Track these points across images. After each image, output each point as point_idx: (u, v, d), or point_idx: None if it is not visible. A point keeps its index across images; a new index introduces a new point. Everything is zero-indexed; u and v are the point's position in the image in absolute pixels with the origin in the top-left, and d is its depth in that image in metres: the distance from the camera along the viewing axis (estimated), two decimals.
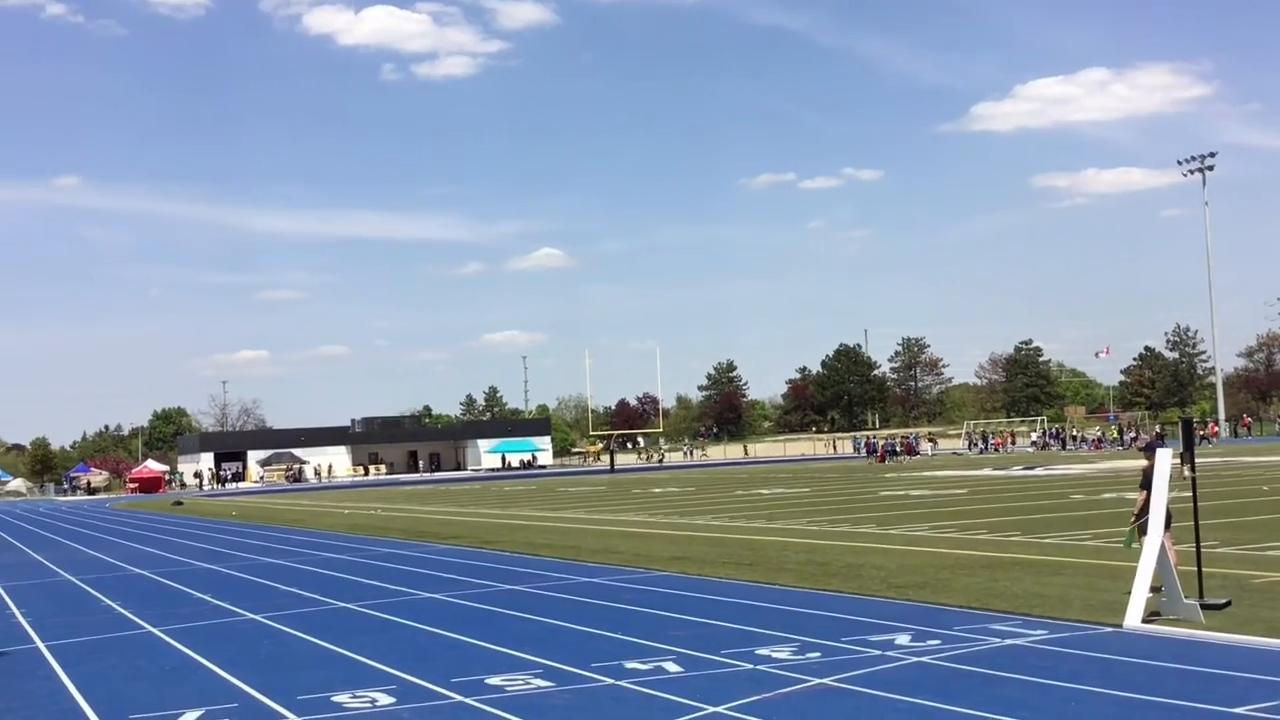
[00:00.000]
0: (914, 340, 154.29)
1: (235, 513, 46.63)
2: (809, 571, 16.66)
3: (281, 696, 9.76)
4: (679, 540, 22.94)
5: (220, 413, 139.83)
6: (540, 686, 9.75)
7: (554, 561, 20.16)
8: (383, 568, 20.80)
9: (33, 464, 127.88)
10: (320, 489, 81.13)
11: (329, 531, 31.86)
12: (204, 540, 31.14)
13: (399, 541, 26.77)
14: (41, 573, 23.75)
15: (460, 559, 21.64)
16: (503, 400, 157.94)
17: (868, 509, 29.35)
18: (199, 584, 19.54)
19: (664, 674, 10.00)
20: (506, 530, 28.39)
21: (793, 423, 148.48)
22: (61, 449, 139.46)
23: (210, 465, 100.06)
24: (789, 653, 10.66)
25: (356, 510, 43.51)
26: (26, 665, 12.14)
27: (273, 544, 28.18)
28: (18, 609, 17.24)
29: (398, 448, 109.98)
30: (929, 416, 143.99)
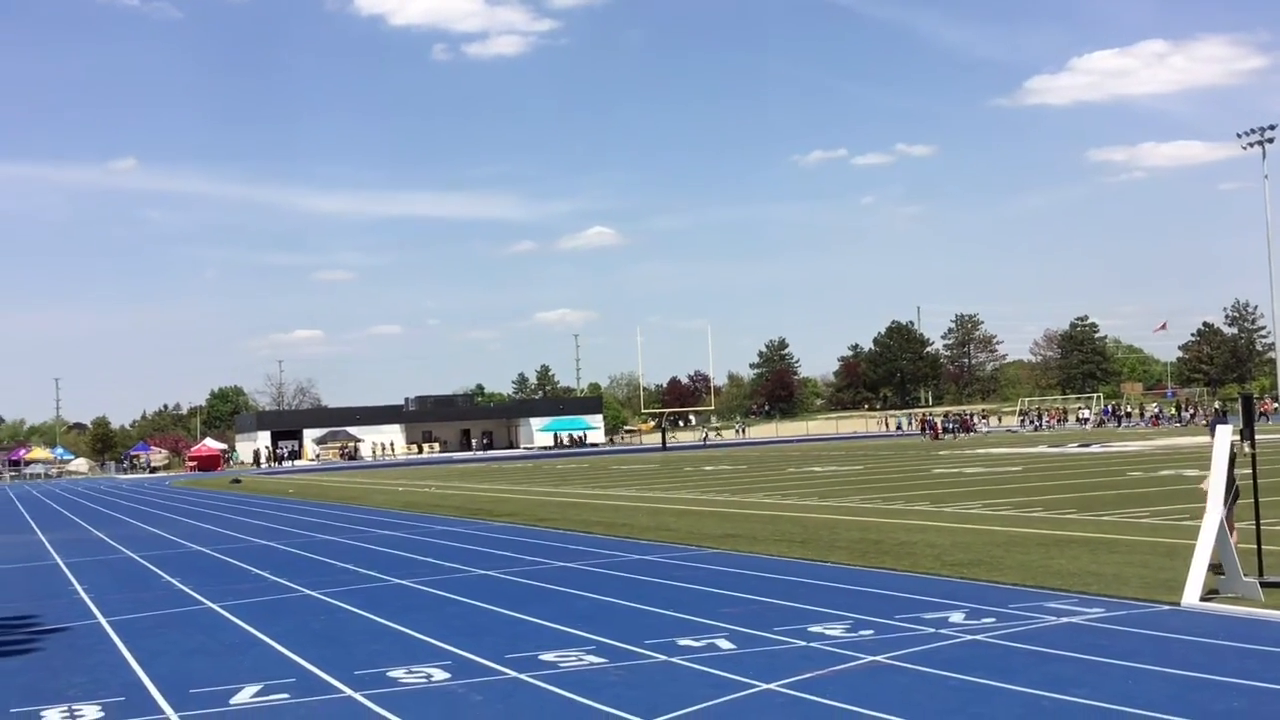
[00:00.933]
0: (967, 317, 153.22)
1: (292, 490, 47.19)
2: (862, 549, 16.61)
3: (338, 671, 9.88)
4: (731, 518, 22.95)
5: (277, 392, 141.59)
6: (593, 663, 9.80)
7: (606, 539, 20.23)
8: (437, 544, 20.97)
9: (94, 443, 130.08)
10: (375, 467, 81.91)
11: (384, 509, 32.16)
12: (261, 517, 31.56)
13: (453, 519, 26.97)
14: (103, 549, 24.17)
15: (513, 536, 21.78)
16: (555, 378, 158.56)
17: (921, 486, 29.20)
18: (256, 560, 19.81)
19: (716, 651, 10.02)
20: (559, 508, 28.52)
21: (845, 400, 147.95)
22: (122, 428, 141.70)
23: (267, 443, 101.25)
24: (842, 630, 10.64)
25: (410, 487, 43.89)
26: (89, 640, 12.36)
27: (328, 521, 28.49)
28: (80, 585, 17.57)
29: (451, 426, 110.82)
30: (983, 394, 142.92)
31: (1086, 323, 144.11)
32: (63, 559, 22.20)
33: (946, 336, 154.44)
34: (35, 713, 8.93)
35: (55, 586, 17.65)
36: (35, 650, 11.91)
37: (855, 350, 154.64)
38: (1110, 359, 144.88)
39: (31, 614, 14.47)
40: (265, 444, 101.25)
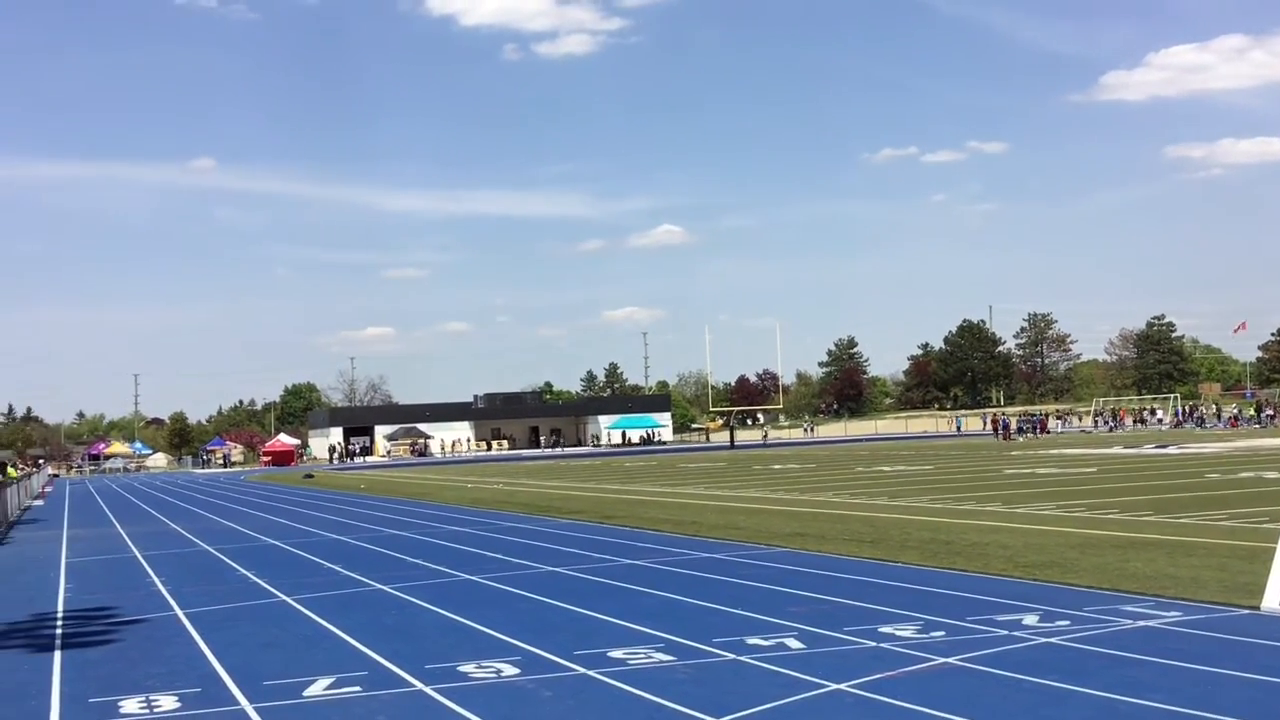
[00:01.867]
0: (1040, 316, 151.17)
1: (363, 486, 47.70)
2: (932, 549, 16.45)
3: (409, 665, 9.96)
4: (799, 516, 22.84)
5: (348, 388, 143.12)
6: (662, 660, 9.79)
7: (674, 537, 20.22)
8: (505, 541, 21.09)
9: (171, 438, 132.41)
10: (444, 463, 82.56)
11: (453, 505, 32.41)
12: (333, 512, 31.94)
13: (521, 515, 27.11)
14: (180, 543, 24.60)
15: (581, 533, 21.84)
16: (623, 376, 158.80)
17: (993, 487, 28.87)
18: (328, 554, 20.05)
19: (785, 650, 9.97)
20: (627, 505, 28.56)
21: (914, 399, 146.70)
22: (198, 423, 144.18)
23: (339, 439, 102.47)
24: (912, 631, 10.55)
25: (479, 484, 44.18)
26: (166, 632, 12.58)
27: (399, 516, 28.77)
28: (158, 577, 17.90)
29: (519, 423, 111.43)
30: (1056, 394, 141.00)
31: (1163, 322, 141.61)
32: (141, 552, 22.64)
33: (1019, 335, 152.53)
34: (114, 703, 9.09)
35: (133, 579, 18.00)
36: (114, 641, 12.14)
37: (925, 349, 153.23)
38: (1187, 359, 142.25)
39: (111, 605, 14.76)
40: (338, 440, 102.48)
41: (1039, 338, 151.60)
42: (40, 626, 13.44)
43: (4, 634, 12.94)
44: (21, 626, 13.45)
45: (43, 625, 13.53)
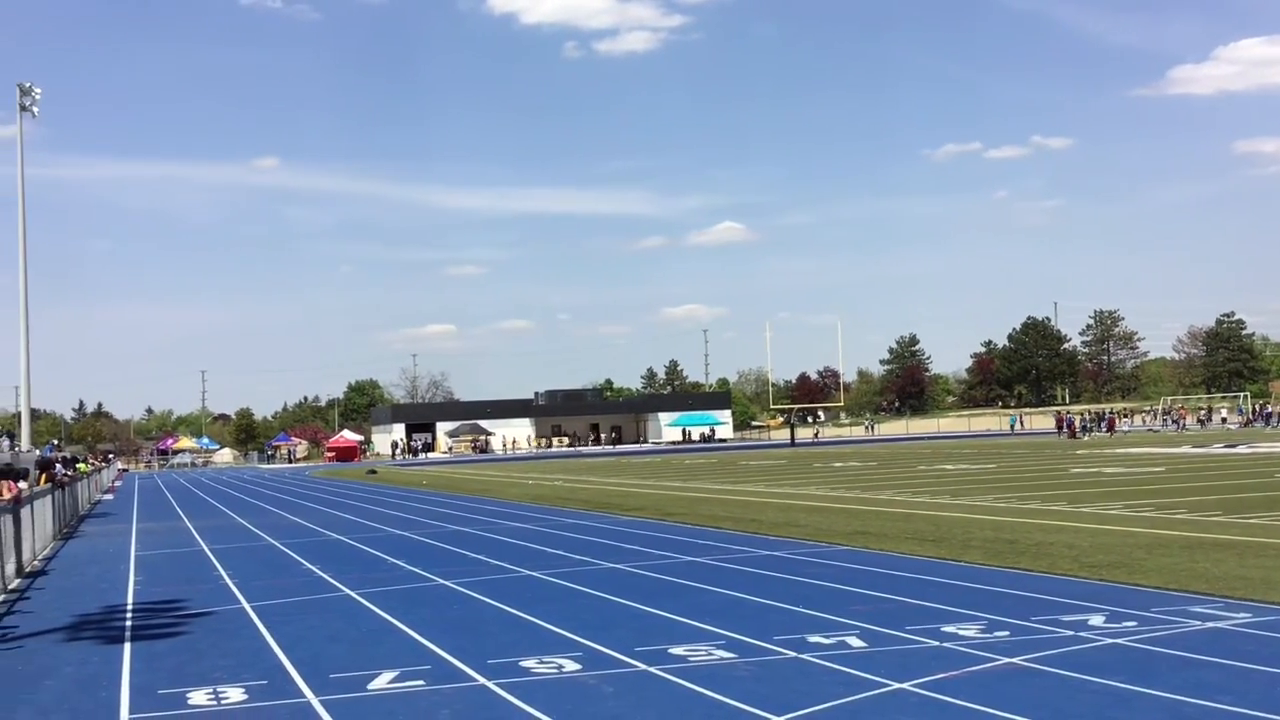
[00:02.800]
0: (1107, 313, 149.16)
1: (425, 482, 48.07)
2: (996, 549, 16.30)
3: (472, 660, 10.04)
4: (861, 515, 22.72)
5: (411, 385, 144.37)
6: (723, 658, 9.79)
7: (735, 534, 20.19)
8: (566, 537, 21.16)
9: (237, 433, 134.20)
10: (505, 460, 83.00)
11: (514, 501, 32.58)
12: (396, 508, 32.22)
13: (581, 512, 27.20)
14: (246, 537, 24.95)
15: (642, 530, 21.87)
16: (683, 373, 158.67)
17: (1058, 486, 28.53)
18: (392, 550, 20.24)
19: (847, 649, 9.93)
20: (687, 502, 28.55)
21: (977, 397, 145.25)
22: (264, 419, 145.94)
23: (402, 436, 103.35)
24: (976, 630, 10.46)
25: (540, 481, 44.37)
26: (233, 625, 12.77)
27: (461, 512, 28.97)
28: (225, 571, 18.17)
29: (580, 420, 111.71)
30: (1122, 392, 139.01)
31: (1233, 319, 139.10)
32: (208, 545, 22.99)
33: (1085, 333, 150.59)
34: (182, 694, 9.25)
35: (201, 572, 18.29)
36: (182, 633, 12.35)
37: (989, 347, 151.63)
38: (1258, 357, 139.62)
39: (179, 598, 15.01)
40: (400, 436, 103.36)
41: (1105, 335, 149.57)
42: (111, 618, 13.70)
43: (76, 626, 13.21)
44: (93, 618, 13.72)
45: (113, 617, 13.79)
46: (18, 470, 20.07)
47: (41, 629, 13.04)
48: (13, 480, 18.76)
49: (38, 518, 22.14)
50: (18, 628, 13.25)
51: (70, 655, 11.39)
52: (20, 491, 19.07)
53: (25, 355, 46.64)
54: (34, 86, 46.25)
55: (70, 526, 30.60)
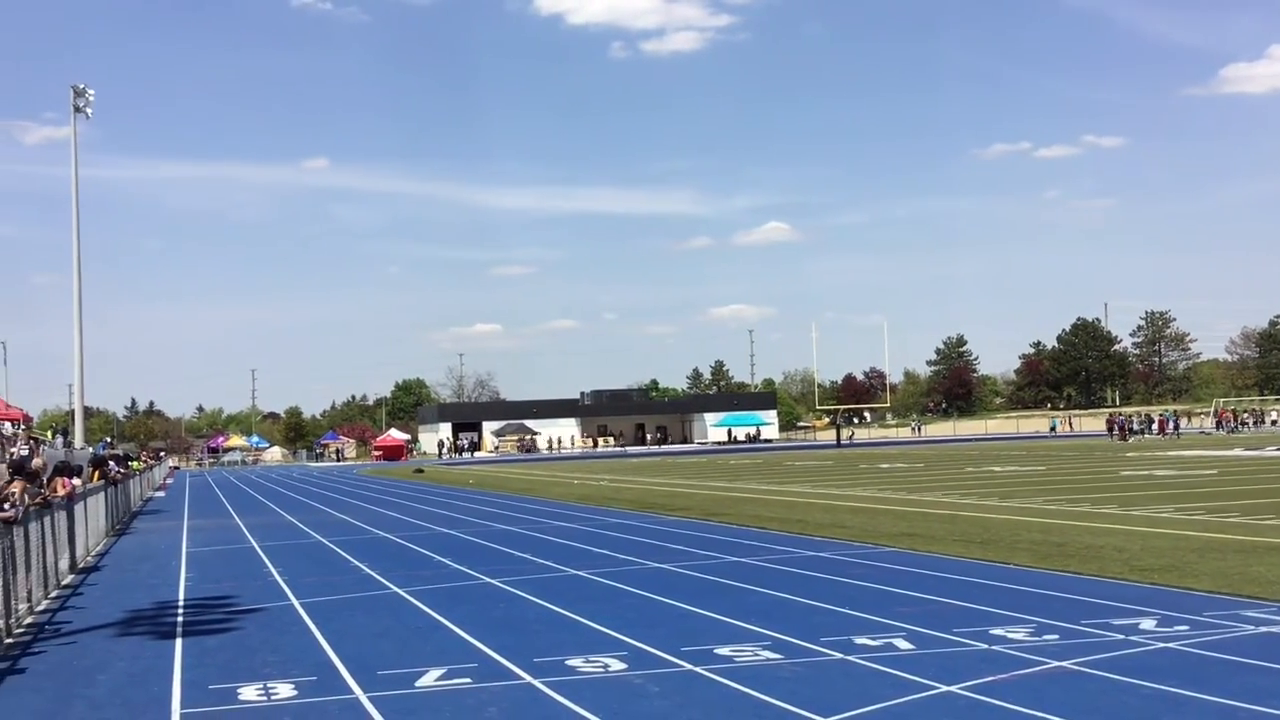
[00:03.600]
0: (1158, 314, 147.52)
1: (472, 481, 48.30)
2: (1045, 551, 16.15)
3: (518, 658, 10.07)
4: (908, 516, 22.59)
5: (457, 384, 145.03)
6: (769, 658, 9.77)
7: (780, 535, 20.14)
8: (611, 537, 21.19)
9: (286, 431, 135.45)
10: (551, 459, 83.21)
11: (559, 501, 32.66)
12: (443, 506, 32.40)
13: (627, 512, 27.23)
14: (295, 534, 25.17)
15: (687, 530, 21.86)
16: (729, 374, 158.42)
17: (1108, 489, 28.24)
18: (439, 548, 20.35)
19: (894, 651, 9.88)
20: (733, 503, 28.52)
21: (1026, 399, 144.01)
22: (312, 418, 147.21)
23: (448, 435, 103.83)
24: (1025, 634, 10.37)
25: (586, 481, 44.46)
26: (283, 621, 12.89)
27: (507, 511, 29.08)
28: (274, 568, 18.34)
29: (625, 420, 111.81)
30: (1174, 394, 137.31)
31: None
32: (258, 542, 23.23)
33: (1135, 334, 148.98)
34: (233, 689, 9.35)
35: (251, 569, 18.48)
36: (233, 629, 12.48)
37: (1037, 348, 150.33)
38: None
39: (230, 595, 15.17)
40: (446, 435, 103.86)
41: (1156, 336, 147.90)
42: (163, 614, 13.88)
43: (129, 621, 13.39)
44: (145, 614, 13.90)
45: (165, 613, 13.97)
46: (72, 467, 20.36)
47: (95, 624, 13.23)
48: (67, 477, 19.03)
49: (91, 514, 22.47)
50: (71, 622, 13.45)
51: (123, 650, 11.55)
52: (74, 488, 19.35)
53: (79, 353, 47.28)
54: (87, 88, 46.87)
55: (123, 523, 31.03)
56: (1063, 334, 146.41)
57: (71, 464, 20.97)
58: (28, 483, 14.10)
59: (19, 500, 13.14)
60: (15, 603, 12.88)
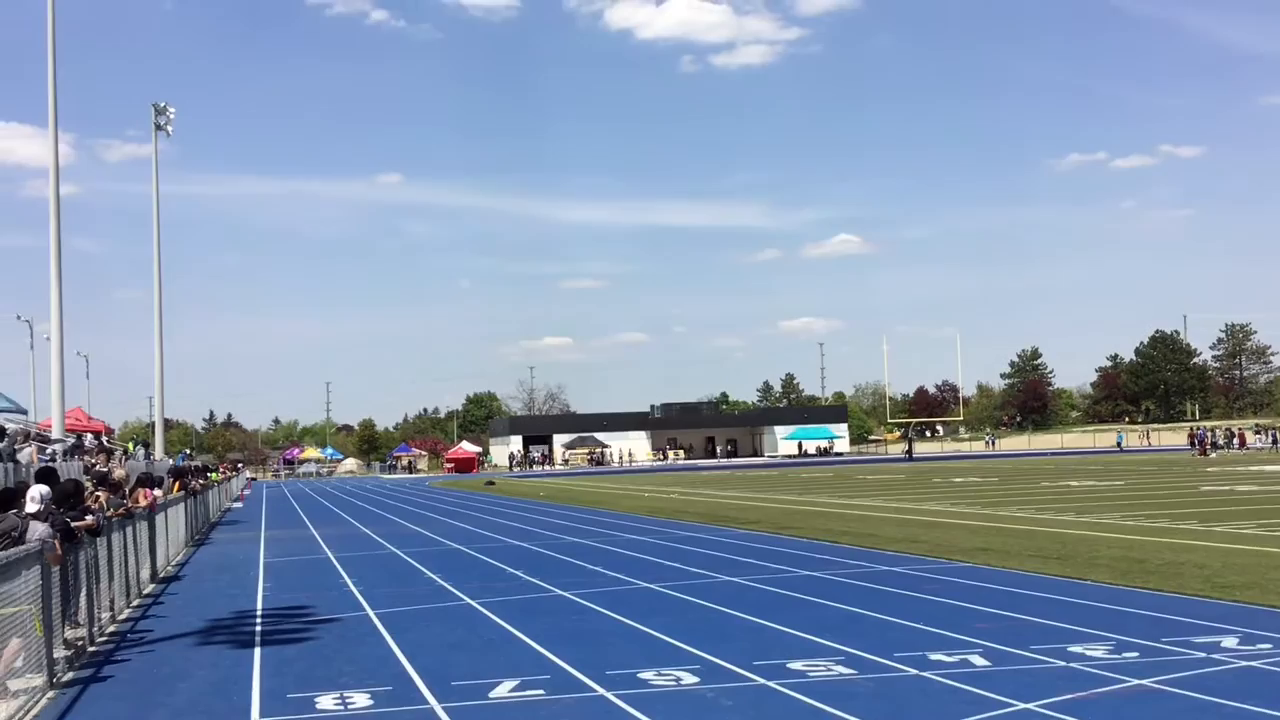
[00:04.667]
0: (1239, 326, 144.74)
1: (543, 493, 48.48)
2: (1124, 568, 15.89)
3: (590, 670, 10.10)
4: (982, 531, 22.34)
5: (528, 397, 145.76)
6: (842, 673, 9.71)
7: (852, 549, 20.00)
8: (682, 550, 21.18)
9: (360, 443, 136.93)
10: (621, 472, 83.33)
11: (630, 513, 32.70)
12: (514, 519, 32.57)
13: (697, 525, 27.19)
14: (370, 545, 25.44)
15: (758, 544, 21.78)
16: (799, 387, 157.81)
17: (1188, 504, 27.70)
18: (511, 560, 20.46)
19: (970, 667, 9.78)
20: (804, 516, 28.37)
21: (1103, 413, 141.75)
22: (385, 430, 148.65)
23: (519, 447, 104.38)
24: (1104, 651, 10.22)
25: (656, 494, 44.46)
26: (358, 631, 13.04)
27: (578, 524, 29.17)
28: (349, 578, 18.56)
29: (695, 433, 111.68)
30: (1255, 407, 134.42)
31: None
32: (334, 553, 23.51)
33: (1215, 347, 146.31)
34: (310, 699, 9.47)
35: (327, 579, 18.70)
36: (310, 639, 12.64)
37: (1114, 361, 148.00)
38: None
39: (306, 605, 15.37)
40: (517, 448, 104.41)
41: (1237, 349, 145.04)
42: (241, 623, 14.10)
43: (208, 630, 13.61)
44: (224, 624, 14.13)
45: (244, 622, 14.19)
46: (154, 478, 20.77)
47: (175, 633, 13.47)
48: (149, 488, 19.41)
49: (171, 525, 22.89)
50: (153, 631, 13.71)
51: (202, 659, 11.75)
52: (155, 499, 19.73)
53: (159, 367, 48.21)
54: (168, 106, 47.82)
55: (202, 534, 31.55)
56: (1141, 346, 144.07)
57: (153, 475, 21.39)
58: (110, 493, 14.41)
59: (102, 510, 13.44)
60: (98, 611, 13.16)
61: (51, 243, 28.06)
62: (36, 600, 9.98)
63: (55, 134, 28.29)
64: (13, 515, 10.87)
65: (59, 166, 28.32)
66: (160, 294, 47.68)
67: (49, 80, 27.82)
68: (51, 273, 28.12)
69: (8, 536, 10.33)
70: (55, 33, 28.05)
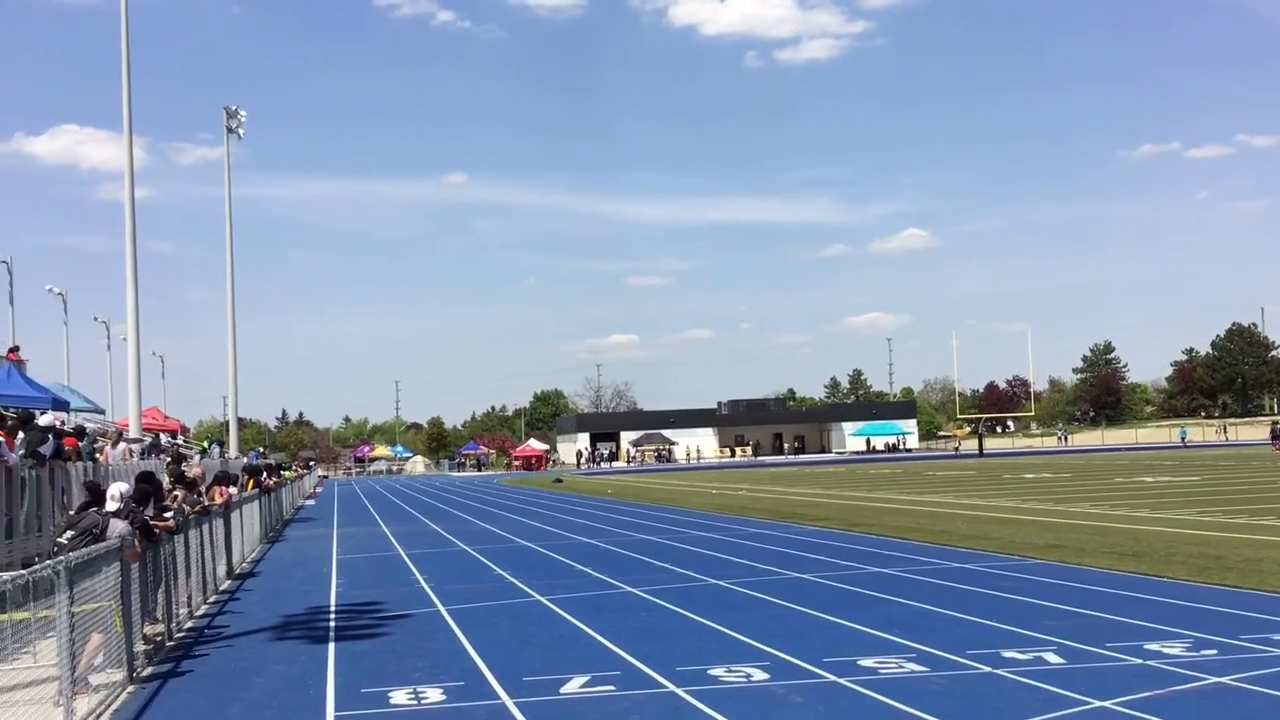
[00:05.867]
0: None
1: (610, 490, 48.61)
2: (1200, 565, 15.63)
3: (660, 667, 10.13)
4: (1055, 528, 22.06)
5: (595, 395, 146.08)
6: (914, 670, 9.66)
7: (923, 545, 19.86)
8: (751, 547, 21.15)
9: (429, 441, 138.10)
10: (688, 469, 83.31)
11: (698, 510, 32.69)
12: (582, 516, 32.70)
13: (766, 522, 27.13)
14: (439, 542, 25.68)
15: (827, 540, 21.69)
16: (866, 383, 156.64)
17: (1268, 500, 27.16)
18: (580, 557, 20.55)
19: (1044, 665, 9.67)
20: (873, 513, 28.20)
21: (1178, 407, 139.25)
22: (454, 428, 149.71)
23: (586, 445, 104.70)
24: (1181, 649, 10.06)
25: (724, 490, 44.41)
26: (430, 627, 13.17)
27: (646, 521, 29.22)
28: (420, 575, 18.74)
29: (762, 430, 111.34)
30: None
31: None
32: (404, 550, 23.76)
33: None
34: (384, 693, 9.59)
35: (399, 575, 18.92)
36: (383, 634, 12.79)
37: (1190, 354, 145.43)
38: None
39: (379, 601, 15.55)
40: (584, 445, 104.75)
41: None
42: (315, 619, 14.29)
43: (283, 625, 13.82)
44: (299, 619, 14.33)
45: (318, 618, 14.38)
46: (231, 476, 21.13)
47: (251, 628, 13.69)
48: (225, 486, 19.74)
49: (246, 522, 23.25)
50: (229, 627, 13.94)
51: (278, 654, 11.93)
52: (230, 496, 20.05)
53: (233, 366, 49.00)
54: (239, 110, 48.56)
55: (276, 530, 32.00)
56: (1217, 340, 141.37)
57: (229, 473, 21.74)
58: (187, 491, 14.67)
59: (181, 510, 13.69)
60: (176, 607, 13.40)
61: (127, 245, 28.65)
62: (116, 596, 10.19)
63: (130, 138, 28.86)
64: (93, 513, 11.12)
65: (134, 170, 28.90)
66: (233, 294, 48.47)
67: (123, 86, 28.39)
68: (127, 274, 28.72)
69: (89, 534, 10.56)
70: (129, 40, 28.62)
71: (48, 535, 14.13)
